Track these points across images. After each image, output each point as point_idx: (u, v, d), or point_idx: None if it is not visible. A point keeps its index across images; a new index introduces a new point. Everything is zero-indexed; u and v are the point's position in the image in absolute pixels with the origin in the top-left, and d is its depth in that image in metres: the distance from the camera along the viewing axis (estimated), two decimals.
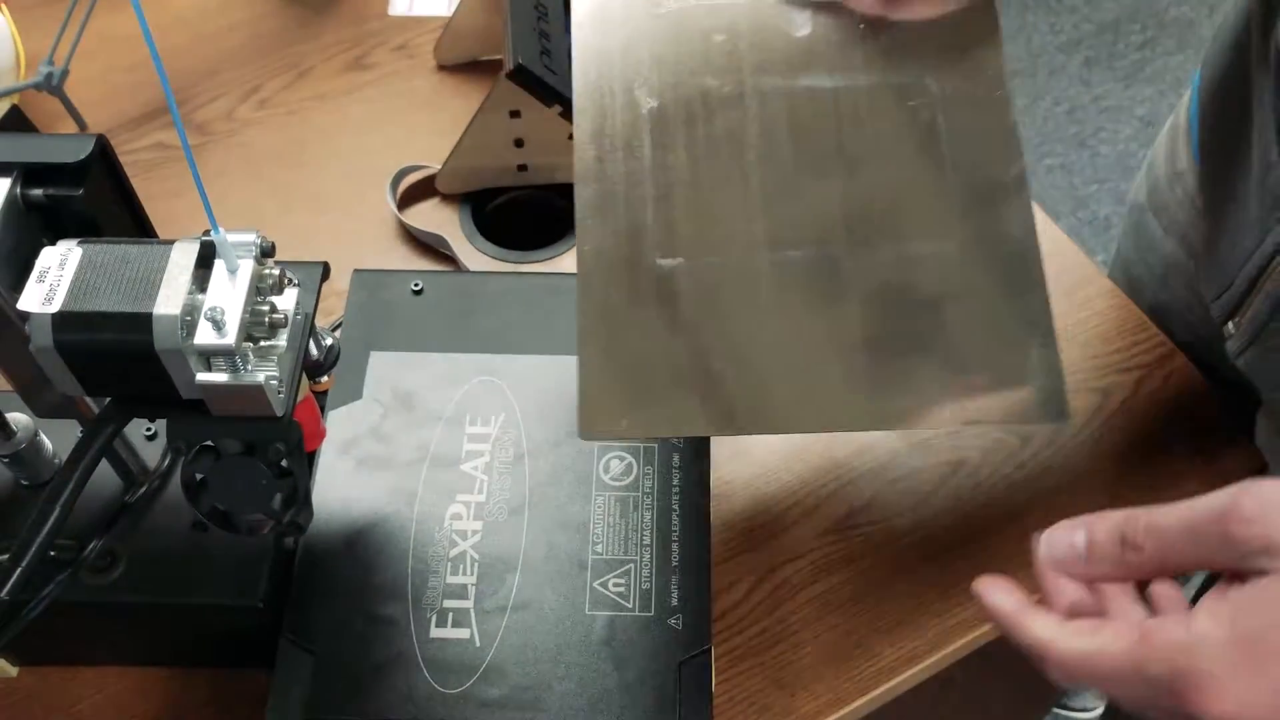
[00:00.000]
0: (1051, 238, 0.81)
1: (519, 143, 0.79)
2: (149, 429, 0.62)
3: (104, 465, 0.60)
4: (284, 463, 0.49)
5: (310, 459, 0.59)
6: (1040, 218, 0.82)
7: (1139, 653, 0.41)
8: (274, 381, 0.46)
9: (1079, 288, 0.79)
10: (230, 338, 0.44)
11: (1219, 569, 0.42)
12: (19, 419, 0.59)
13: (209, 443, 0.49)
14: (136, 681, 0.65)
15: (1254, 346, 0.62)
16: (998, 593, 0.47)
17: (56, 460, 0.61)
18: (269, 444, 0.48)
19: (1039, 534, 0.47)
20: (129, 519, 0.58)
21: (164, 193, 0.84)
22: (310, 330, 0.51)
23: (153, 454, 0.61)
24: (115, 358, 0.45)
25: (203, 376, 0.45)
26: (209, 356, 0.45)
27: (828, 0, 0.57)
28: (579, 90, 0.57)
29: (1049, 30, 2.12)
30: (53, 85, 0.83)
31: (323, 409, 0.63)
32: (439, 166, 0.83)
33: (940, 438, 0.72)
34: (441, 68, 0.91)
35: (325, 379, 0.56)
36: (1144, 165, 0.86)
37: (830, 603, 0.67)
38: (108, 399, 0.50)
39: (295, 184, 0.85)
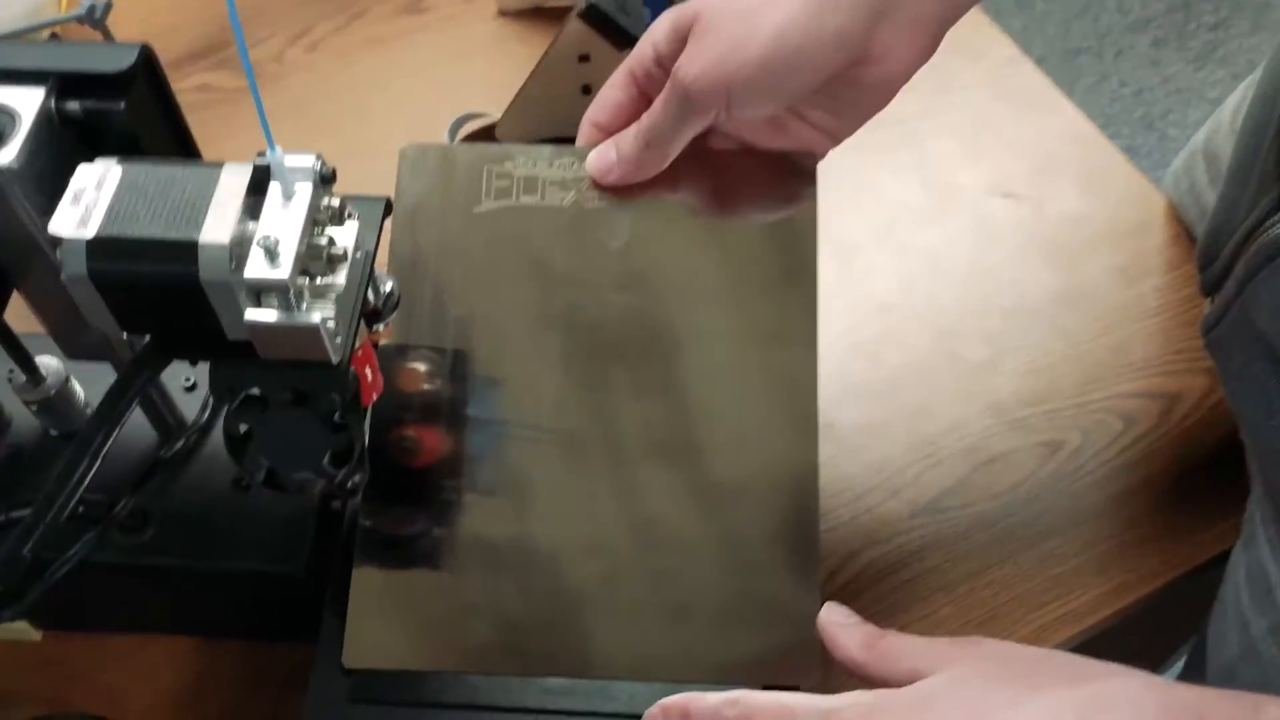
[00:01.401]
0: (1153, 215, 0.76)
1: (586, 89, 0.74)
2: (188, 380, 0.58)
3: (139, 418, 0.56)
4: (338, 416, 0.45)
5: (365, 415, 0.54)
6: (1150, 191, 0.76)
7: None
8: (330, 323, 0.41)
9: (1182, 264, 0.73)
10: (284, 271, 0.39)
11: None
12: (49, 363, 0.55)
13: (255, 391, 0.44)
14: (164, 651, 0.61)
15: (1221, 324, 0.60)
16: None
17: (88, 409, 0.56)
18: (322, 394, 0.44)
19: None
20: (163, 475, 0.54)
21: (209, 136, 0.78)
22: (370, 272, 0.46)
23: (191, 407, 0.57)
24: (156, 291, 0.40)
25: (252, 314, 0.40)
26: (260, 292, 0.40)
27: (650, 206, 0.55)
28: None
29: (1117, 9, 2.04)
30: (95, 19, 0.79)
31: None
32: (498, 115, 0.78)
33: (1037, 416, 0.67)
34: (502, 13, 0.86)
35: (382, 328, 0.51)
36: (1215, 111, 0.81)
37: (917, 591, 0.62)
38: (145, 339, 0.45)
39: (345, 131, 0.81)
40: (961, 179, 0.77)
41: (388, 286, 0.49)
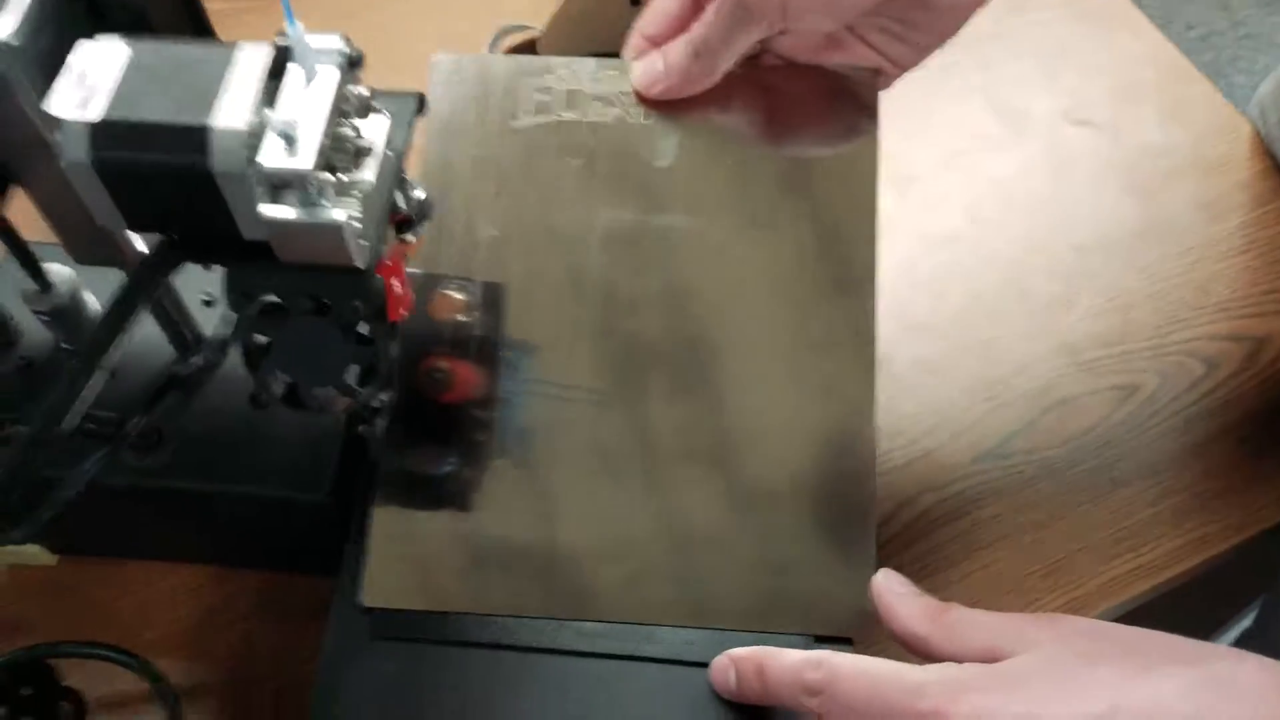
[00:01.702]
0: (1239, 147, 0.70)
1: (635, 1, 0.70)
2: (207, 294, 0.55)
3: (157, 334, 0.52)
4: (363, 328, 0.41)
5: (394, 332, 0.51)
6: (1237, 121, 0.71)
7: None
8: (356, 223, 0.37)
9: (1271, 199, 0.68)
10: (305, 160, 0.36)
11: None
12: (59, 270, 0.51)
13: (275, 300, 0.41)
14: (182, 579, 0.58)
15: None
16: None
17: None
18: (346, 303, 0.40)
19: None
20: (179, 393, 0.51)
21: None
22: (400, 174, 0.42)
23: (211, 323, 0.54)
24: (165, 181, 0.37)
25: (269, 210, 0.36)
26: (278, 185, 0.36)
27: (699, 126, 0.52)
28: None
29: None
30: None
31: None
32: (542, 27, 0.74)
33: (1111, 358, 0.63)
34: None
35: (413, 238, 0.47)
36: None
37: (978, 540, 0.58)
38: (157, 242, 0.41)
39: (379, 44, 0.76)
40: (1034, 105, 0.72)
41: (419, 193, 0.46)
